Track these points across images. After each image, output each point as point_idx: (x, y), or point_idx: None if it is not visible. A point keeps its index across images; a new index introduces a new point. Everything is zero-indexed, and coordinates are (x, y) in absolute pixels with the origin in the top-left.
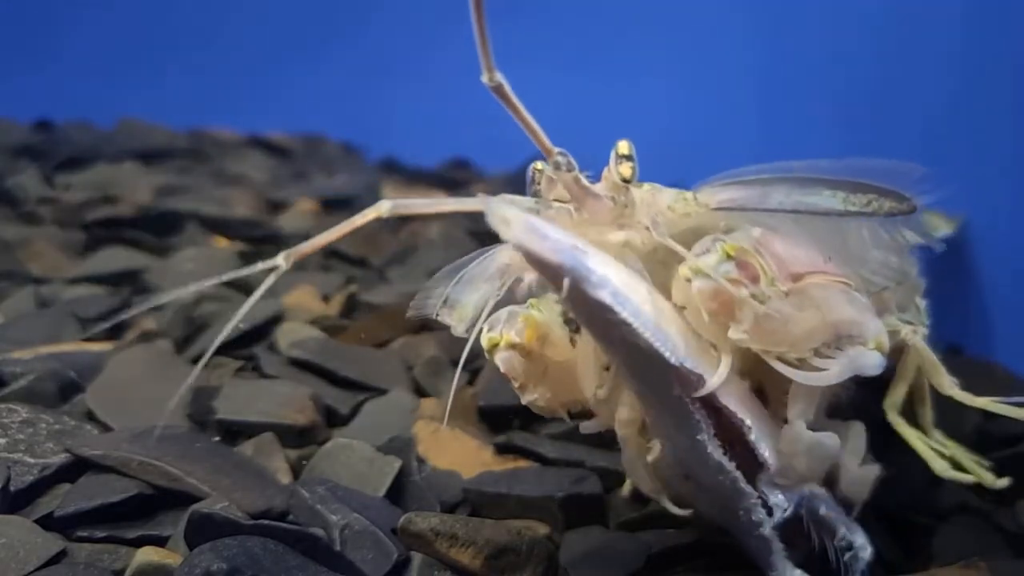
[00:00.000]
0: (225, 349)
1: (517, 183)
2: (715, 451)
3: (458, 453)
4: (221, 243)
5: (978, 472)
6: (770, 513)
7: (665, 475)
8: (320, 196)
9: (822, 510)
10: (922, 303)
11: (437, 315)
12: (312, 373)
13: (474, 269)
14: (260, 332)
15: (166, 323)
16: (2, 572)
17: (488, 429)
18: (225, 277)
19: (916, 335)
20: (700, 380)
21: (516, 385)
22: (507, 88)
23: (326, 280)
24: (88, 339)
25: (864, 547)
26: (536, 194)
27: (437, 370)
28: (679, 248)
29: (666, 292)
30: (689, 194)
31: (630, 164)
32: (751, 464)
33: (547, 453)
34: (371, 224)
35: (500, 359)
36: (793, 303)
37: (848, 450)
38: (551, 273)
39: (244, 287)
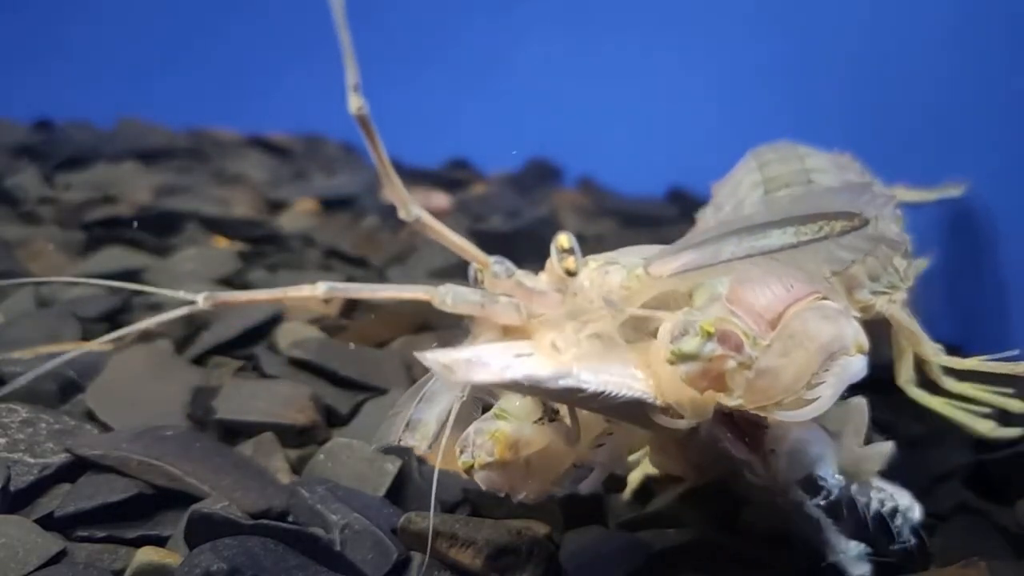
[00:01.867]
0: (225, 349)
1: (517, 183)
2: (740, 452)
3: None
4: (221, 243)
5: (1003, 403)
6: (816, 491)
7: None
8: (320, 196)
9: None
10: (903, 263)
11: (400, 441)
12: (312, 373)
13: (434, 386)
14: (260, 332)
15: (166, 323)
16: (2, 572)
17: None
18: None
19: (894, 303)
20: None
21: (502, 494)
22: (427, 218)
23: (326, 280)
24: (88, 339)
25: (911, 507)
26: None
27: None
28: (651, 313)
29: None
30: (640, 270)
31: (572, 257)
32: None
33: None
34: (371, 224)
35: (479, 479)
36: (778, 351)
37: (849, 431)
38: (510, 389)
39: (244, 287)
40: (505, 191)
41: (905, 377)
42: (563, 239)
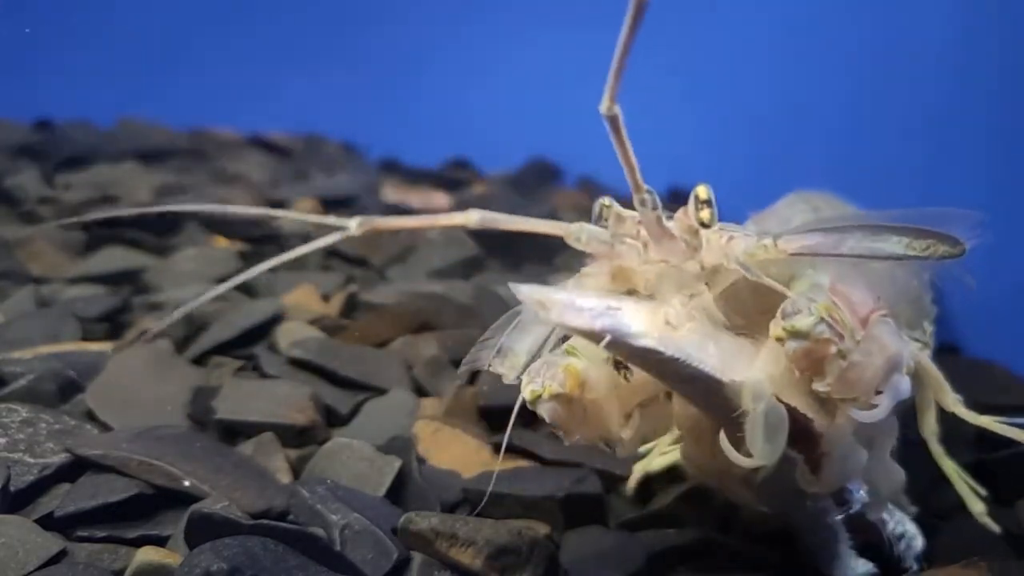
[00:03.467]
0: (225, 349)
1: (516, 184)
2: (789, 450)
3: (458, 453)
4: (221, 243)
5: (968, 495)
6: (843, 503)
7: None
8: (320, 196)
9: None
10: (929, 328)
11: (489, 365)
12: (312, 373)
13: (527, 316)
14: (260, 332)
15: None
16: (2, 572)
17: (488, 429)
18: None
19: (923, 353)
20: None
21: (561, 432)
22: (621, 120)
23: (326, 280)
24: (88, 339)
25: (915, 536)
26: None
27: (437, 370)
28: (779, 287)
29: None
30: (769, 240)
31: (709, 209)
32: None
33: (546, 453)
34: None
35: (544, 410)
36: (863, 350)
37: (883, 437)
38: (595, 337)
39: (244, 287)
40: (505, 191)
41: (930, 431)
42: (702, 189)
